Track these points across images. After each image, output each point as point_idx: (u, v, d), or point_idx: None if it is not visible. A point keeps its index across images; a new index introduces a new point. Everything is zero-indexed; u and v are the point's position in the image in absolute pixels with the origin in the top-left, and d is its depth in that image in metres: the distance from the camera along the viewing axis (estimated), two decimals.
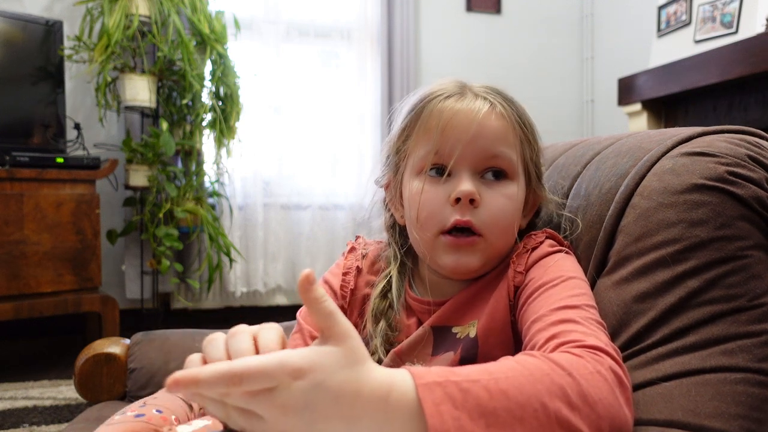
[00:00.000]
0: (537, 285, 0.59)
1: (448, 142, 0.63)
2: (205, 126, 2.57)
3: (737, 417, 0.50)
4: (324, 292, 0.39)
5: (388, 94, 3.13)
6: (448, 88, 0.67)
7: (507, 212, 0.64)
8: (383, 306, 0.68)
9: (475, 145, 0.63)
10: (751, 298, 0.54)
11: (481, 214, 0.62)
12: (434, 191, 0.64)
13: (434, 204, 0.63)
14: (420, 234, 0.65)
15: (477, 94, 0.66)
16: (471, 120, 0.63)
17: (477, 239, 0.63)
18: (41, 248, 2.13)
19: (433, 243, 0.64)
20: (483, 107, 0.64)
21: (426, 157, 0.64)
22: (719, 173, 0.58)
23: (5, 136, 2.24)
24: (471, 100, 0.65)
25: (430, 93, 0.67)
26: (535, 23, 3.51)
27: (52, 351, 2.52)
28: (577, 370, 0.43)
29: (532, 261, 0.63)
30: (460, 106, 0.64)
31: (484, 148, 0.63)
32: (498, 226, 0.63)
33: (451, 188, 0.63)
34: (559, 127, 3.45)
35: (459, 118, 0.63)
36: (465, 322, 0.65)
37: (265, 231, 2.95)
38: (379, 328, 0.67)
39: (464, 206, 0.62)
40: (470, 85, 0.68)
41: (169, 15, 2.37)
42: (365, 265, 0.74)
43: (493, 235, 0.63)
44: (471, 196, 0.62)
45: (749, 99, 2.27)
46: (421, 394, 0.39)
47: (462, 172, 0.63)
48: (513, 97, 0.68)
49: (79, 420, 0.86)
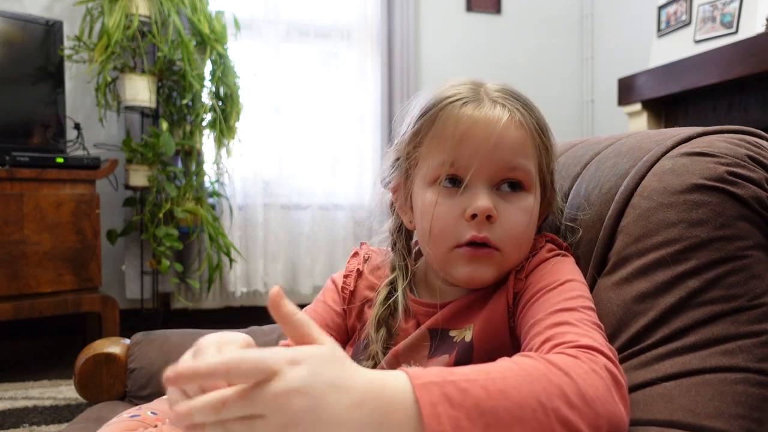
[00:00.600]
0: (535, 290, 0.59)
1: (465, 154, 0.60)
2: (205, 126, 2.57)
3: (737, 417, 0.49)
4: (295, 308, 0.39)
5: (388, 94, 3.13)
6: (463, 92, 0.63)
7: (523, 226, 0.62)
8: (386, 313, 0.68)
9: (493, 157, 0.60)
10: (751, 298, 0.54)
11: (497, 230, 0.61)
12: (449, 205, 0.62)
13: (448, 218, 0.61)
14: (433, 249, 0.64)
15: (494, 100, 0.63)
16: (490, 131, 0.60)
17: (494, 252, 0.61)
18: (41, 248, 2.13)
19: (447, 256, 0.63)
20: (502, 116, 0.61)
21: (440, 167, 0.62)
22: (719, 173, 0.58)
23: (5, 136, 2.24)
24: (489, 107, 0.62)
25: (445, 97, 0.63)
26: (535, 23, 3.51)
27: (52, 351, 2.52)
28: (573, 370, 0.44)
29: (531, 266, 0.63)
30: (478, 114, 0.61)
31: (502, 160, 0.61)
32: (515, 241, 0.62)
33: (466, 202, 0.61)
34: (559, 127, 3.38)
35: (477, 128, 0.60)
36: (462, 325, 0.65)
37: (265, 231, 2.95)
38: (380, 334, 0.67)
39: (481, 223, 0.60)
40: (486, 86, 0.65)
41: (169, 15, 2.37)
42: (367, 269, 0.74)
43: (509, 249, 0.62)
44: (488, 213, 0.60)
45: (749, 99, 2.27)
46: (419, 394, 0.39)
47: (478, 185, 0.61)
48: (528, 99, 0.66)
49: (79, 420, 0.86)
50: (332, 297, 0.74)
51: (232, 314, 2.97)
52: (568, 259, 0.64)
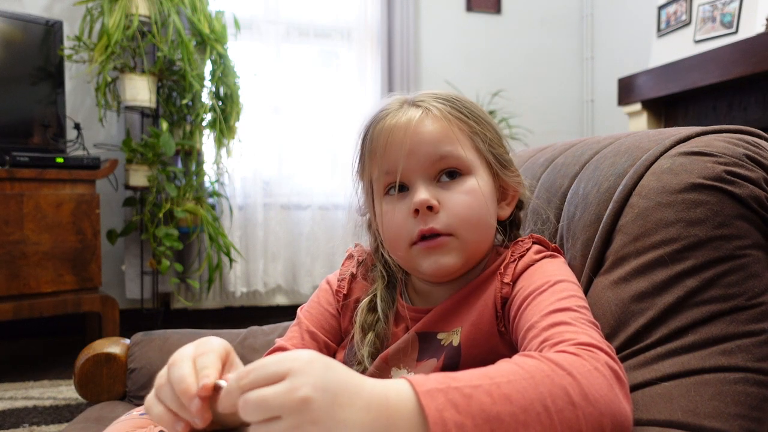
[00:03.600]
0: (526, 294, 0.59)
1: (391, 159, 0.64)
2: (205, 126, 2.57)
3: (736, 417, 0.50)
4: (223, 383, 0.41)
5: (388, 94, 3.13)
6: (390, 106, 0.67)
7: (471, 207, 0.64)
8: (371, 319, 0.69)
9: (417, 153, 0.64)
10: (750, 297, 0.54)
11: (442, 217, 0.63)
12: (397, 209, 0.65)
13: (398, 221, 0.64)
14: (395, 253, 0.67)
15: (413, 104, 0.66)
16: (405, 131, 0.64)
17: (448, 239, 0.63)
18: (41, 248, 2.14)
19: (408, 256, 0.65)
20: (415, 115, 0.64)
21: (380, 179, 0.66)
22: (717, 173, 0.58)
23: (5, 136, 2.25)
24: (405, 111, 0.65)
25: (373, 116, 0.68)
26: (535, 23, 3.51)
27: (52, 351, 2.52)
28: (576, 369, 0.44)
29: (519, 270, 0.63)
30: (395, 121, 0.65)
31: (426, 153, 0.64)
32: (466, 222, 0.63)
33: (410, 202, 0.64)
34: (559, 127, 3.45)
35: (396, 133, 0.64)
36: (450, 328, 0.65)
37: (265, 231, 2.95)
38: (368, 339, 0.68)
39: (424, 215, 0.63)
40: (413, 97, 0.68)
41: (169, 15, 2.37)
42: (360, 272, 0.75)
43: (463, 232, 0.63)
44: (426, 204, 0.62)
45: (749, 99, 2.27)
46: (423, 401, 0.39)
47: (417, 183, 0.64)
48: (458, 95, 0.69)
49: (79, 420, 0.86)
50: (326, 299, 0.75)
51: (232, 314, 2.97)
52: (558, 259, 0.65)
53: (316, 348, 0.71)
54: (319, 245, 3.03)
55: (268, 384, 0.37)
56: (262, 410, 0.36)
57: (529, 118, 3.33)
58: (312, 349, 0.70)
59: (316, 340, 0.72)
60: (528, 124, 3.28)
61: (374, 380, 0.40)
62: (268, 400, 0.36)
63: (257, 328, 1.05)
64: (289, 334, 0.73)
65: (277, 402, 0.36)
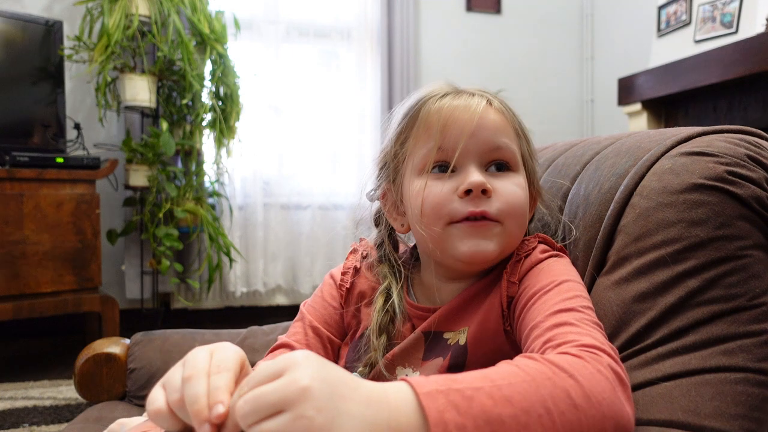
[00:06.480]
0: (531, 293, 0.59)
1: (450, 137, 0.63)
2: (205, 126, 2.57)
3: (737, 417, 0.50)
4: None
5: (387, 94, 3.13)
6: (442, 88, 0.67)
7: (521, 199, 0.64)
8: (386, 320, 0.68)
9: (478, 137, 0.63)
10: (751, 297, 0.54)
11: (494, 203, 0.62)
12: (439, 186, 0.63)
13: (440, 196, 0.62)
14: (426, 229, 0.63)
15: (471, 93, 0.67)
16: (472, 113, 0.63)
17: (494, 224, 0.62)
18: (41, 248, 2.14)
19: (443, 235, 0.62)
20: (481, 102, 0.65)
21: (428, 155, 0.64)
22: (718, 173, 0.58)
23: (5, 136, 2.25)
24: (467, 97, 0.65)
25: (424, 95, 0.67)
26: (535, 23, 3.51)
27: (52, 351, 2.52)
28: (578, 371, 0.43)
29: (524, 269, 0.63)
30: (458, 102, 0.64)
31: (487, 140, 0.63)
32: (514, 213, 0.63)
33: (458, 182, 0.62)
34: (559, 127, 3.45)
35: (459, 112, 0.64)
36: (456, 328, 0.65)
37: (265, 231, 2.95)
38: (381, 341, 0.67)
39: (476, 197, 0.61)
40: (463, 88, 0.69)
41: (169, 15, 2.37)
42: (365, 266, 0.74)
43: (510, 222, 0.63)
44: (483, 186, 0.61)
45: (749, 99, 2.27)
46: (424, 402, 0.39)
47: (468, 166, 0.63)
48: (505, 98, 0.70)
49: (79, 420, 0.86)
50: (330, 293, 0.74)
51: (232, 314, 2.97)
52: (563, 259, 0.64)
53: (319, 343, 0.71)
54: (319, 245, 3.03)
55: (268, 380, 0.37)
56: (262, 407, 0.36)
57: (529, 118, 3.26)
58: (315, 345, 0.70)
59: (319, 335, 0.71)
60: (528, 123, 3.22)
61: (370, 381, 0.40)
62: (268, 395, 0.36)
63: (257, 328, 1.05)
64: (292, 330, 0.72)
65: (276, 395, 0.35)
